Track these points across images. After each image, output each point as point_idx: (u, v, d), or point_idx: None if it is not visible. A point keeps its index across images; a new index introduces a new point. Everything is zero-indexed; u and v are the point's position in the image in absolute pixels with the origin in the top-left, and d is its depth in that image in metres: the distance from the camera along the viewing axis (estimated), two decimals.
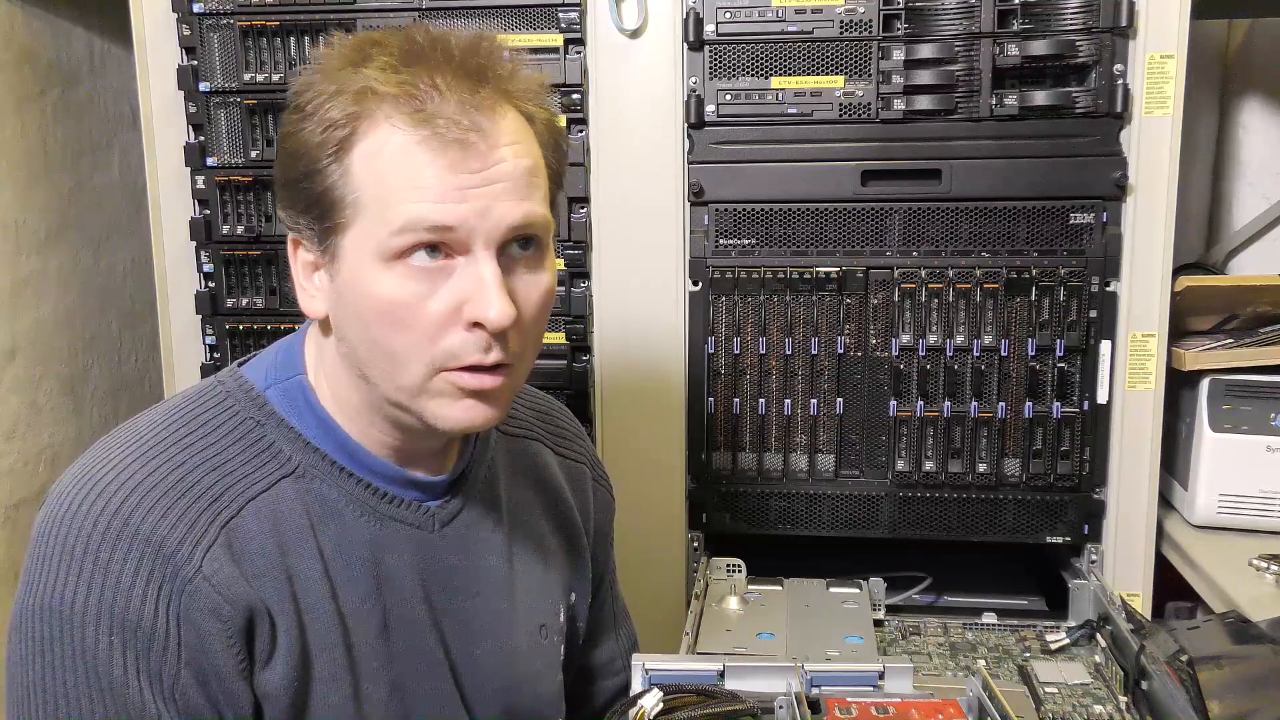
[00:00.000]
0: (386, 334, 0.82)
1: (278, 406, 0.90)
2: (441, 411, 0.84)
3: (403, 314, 0.81)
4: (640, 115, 1.46)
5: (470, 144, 0.79)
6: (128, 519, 0.80)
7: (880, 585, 1.32)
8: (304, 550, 0.87)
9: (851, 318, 1.47)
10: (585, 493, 1.12)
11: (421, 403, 0.84)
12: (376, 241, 0.80)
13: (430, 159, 0.79)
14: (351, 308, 0.83)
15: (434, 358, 0.82)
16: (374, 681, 0.90)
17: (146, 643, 0.79)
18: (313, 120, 0.81)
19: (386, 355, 0.83)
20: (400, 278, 0.80)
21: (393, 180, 0.79)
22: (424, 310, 0.81)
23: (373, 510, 0.91)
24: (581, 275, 1.50)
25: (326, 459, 0.89)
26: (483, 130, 0.79)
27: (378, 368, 0.84)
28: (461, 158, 0.79)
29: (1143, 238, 1.41)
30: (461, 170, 0.79)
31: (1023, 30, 1.39)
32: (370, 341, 0.83)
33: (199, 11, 1.50)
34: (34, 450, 1.71)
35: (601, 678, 1.19)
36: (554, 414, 1.13)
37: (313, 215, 0.83)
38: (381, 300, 0.81)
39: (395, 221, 0.79)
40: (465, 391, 0.83)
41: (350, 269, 0.82)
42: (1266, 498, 1.49)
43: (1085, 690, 1.07)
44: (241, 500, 0.85)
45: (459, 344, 0.81)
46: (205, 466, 0.85)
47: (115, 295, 1.92)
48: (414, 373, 0.82)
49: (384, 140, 0.79)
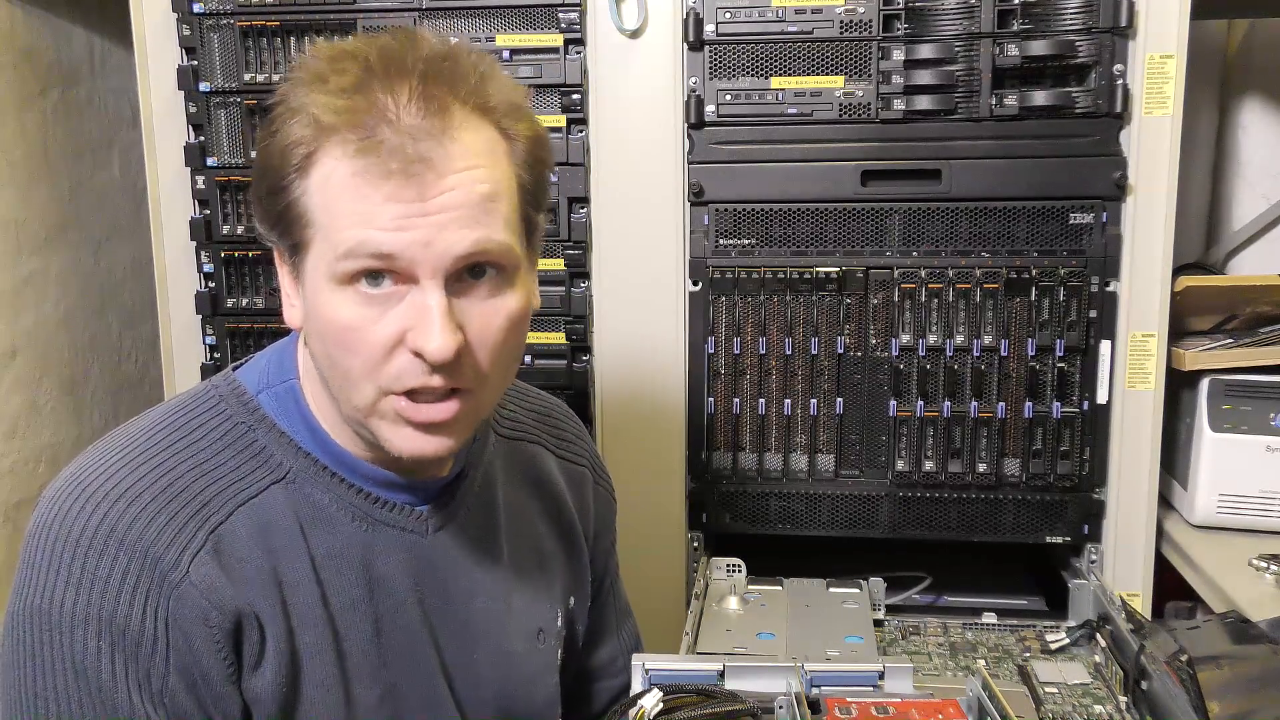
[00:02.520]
0: (340, 354, 0.82)
1: (270, 411, 0.90)
2: (390, 437, 0.84)
3: (350, 337, 0.81)
4: (640, 115, 1.46)
5: (414, 174, 0.77)
6: (115, 525, 0.80)
7: (880, 585, 1.32)
8: (294, 555, 0.87)
9: (851, 318, 1.47)
10: (585, 495, 1.12)
11: (373, 424, 0.84)
12: (327, 264, 0.80)
13: (372, 189, 0.78)
14: (313, 325, 0.84)
15: (380, 382, 0.82)
16: (366, 686, 0.90)
17: (134, 647, 0.80)
18: (277, 137, 0.81)
19: (342, 374, 0.83)
20: (349, 302, 0.80)
21: (338, 207, 0.79)
22: (370, 335, 0.80)
23: (364, 515, 0.91)
24: (581, 275, 1.50)
25: (317, 464, 0.89)
26: (429, 160, 0.78)
27: (336, 385, 0.85)
28: (403, 187, 0.78)
29: (1142, 238, 1.41)
30: (402, 200, 0.78)
31: (1023, 30, 1.39)
32: (328, 359, 0.84)
33: (199, 11, 1.50)
34: (34, 450, 1.71)
35: (603, 678, 1.18)
36: (555, 415, 1.13)
37: (279, 231, 0.84)
38: (333, 322, 0.81)
39: (340, 246, 0.79)
40: (410, 421, 0.83)
41: (310, 287, 0.83)
42: (1266, 498, 1.49)
43: (1085, 690, 1.07)
44: (231, 506, 0.85)
45: (404, 368, 0.81)
46: (195, 472, 0.85)
47: (115, 295, 1.92)
48: (364, 394, 0.83)
49: (332, 168, 0.79)
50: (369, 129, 0.77)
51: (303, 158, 0.80)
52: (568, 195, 1.47)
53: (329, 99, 0.79)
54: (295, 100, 0.81)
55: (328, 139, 0.79)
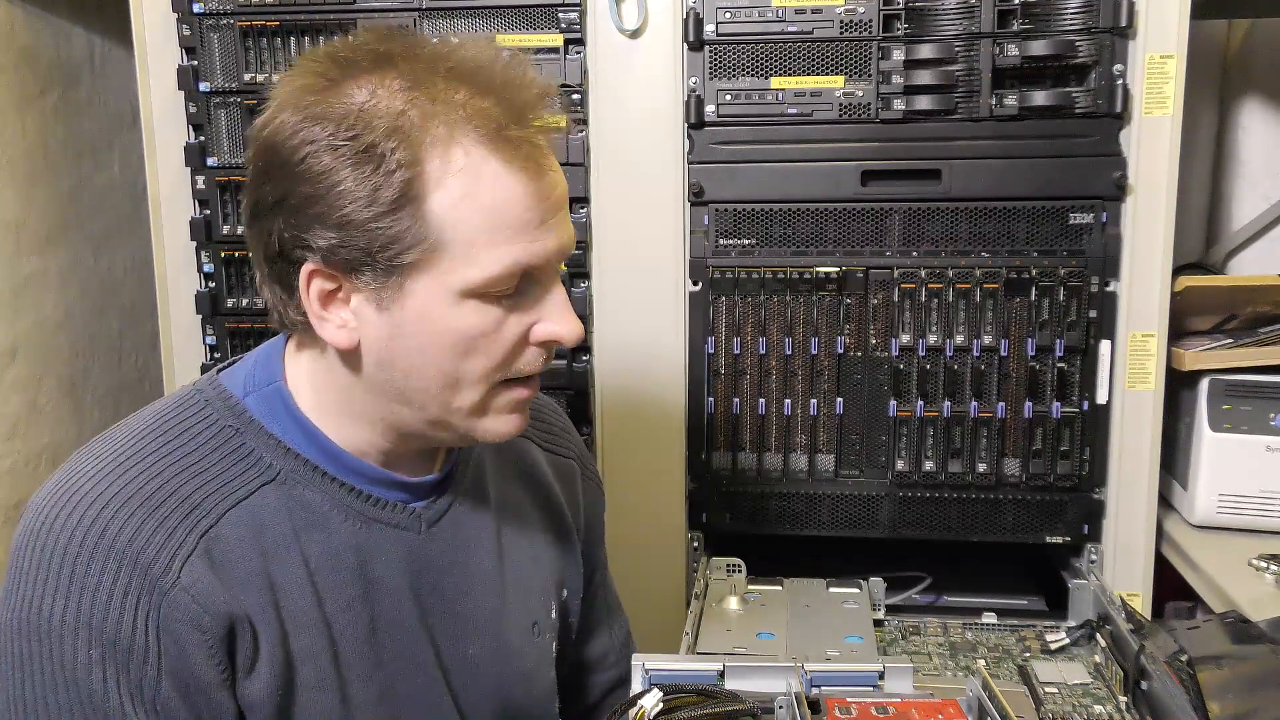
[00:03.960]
0: (457, 362, 0.83)
1: (257, 414, 0.89)
2: (494, 427, 0.88)
3: (479, 343, 0.83)
4: (640, 115, 1.46)
5: (543, 167, 0.82)
6: (103, 531, 0.80)
7: (880, 585, 1.32)
8: (287, 556, 0.87)
9: (851, 318, 1.47)
10: (574, 488, 1.12)
11: (473, 421, 0.87)
12: (462, 280, 0.81)
13: (520, 191, 0.80)
14: (415, 341, 0.83)
15: (504, 376, 0.86)
16: (363, 686, 0.90)
17: (126, 655, 0.79)
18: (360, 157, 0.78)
19: (449, 382, 0.84)
20: (476, 310, 0.82)
21: (480, 221, 0.80)
22: (500, 335, 0.84)
23: (357, 513, 0.91)
24: (581, 275, 1.50)
25: (308, 464, 0.89)
26: (540, 147, 0.82)
27: (431, 394, 0.85)
28: (538, 178, 0.81)
29: (1142, 238, 1.42)
30: (543, 199, 0.82)
31: (1023, 30, 1.39)
32: (430, 370, 0.84)
33: (199, 11, 1.50)
34: (34, 450, 1.71)
35: (596, 671, 1.19)
36: (542, 410, 1.13)
37: (360, 256, 0.80)
38: (460, 333, 0.82)
39: (490, 268, 0.81)
40: (519, 404, 0.88)
41: (420, 305, 0.82)
42: (1266, 498, 1.49)
43: (1085, 690, 1.07)
44: (221, 509, 0.84)
45: (528, 360, 0.86)
46: (183, 475, 0.84)
47: (115, 295, 1.92)
48: (474, 393, 0.85)
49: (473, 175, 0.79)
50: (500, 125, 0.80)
51: (407, 180, 0.78)
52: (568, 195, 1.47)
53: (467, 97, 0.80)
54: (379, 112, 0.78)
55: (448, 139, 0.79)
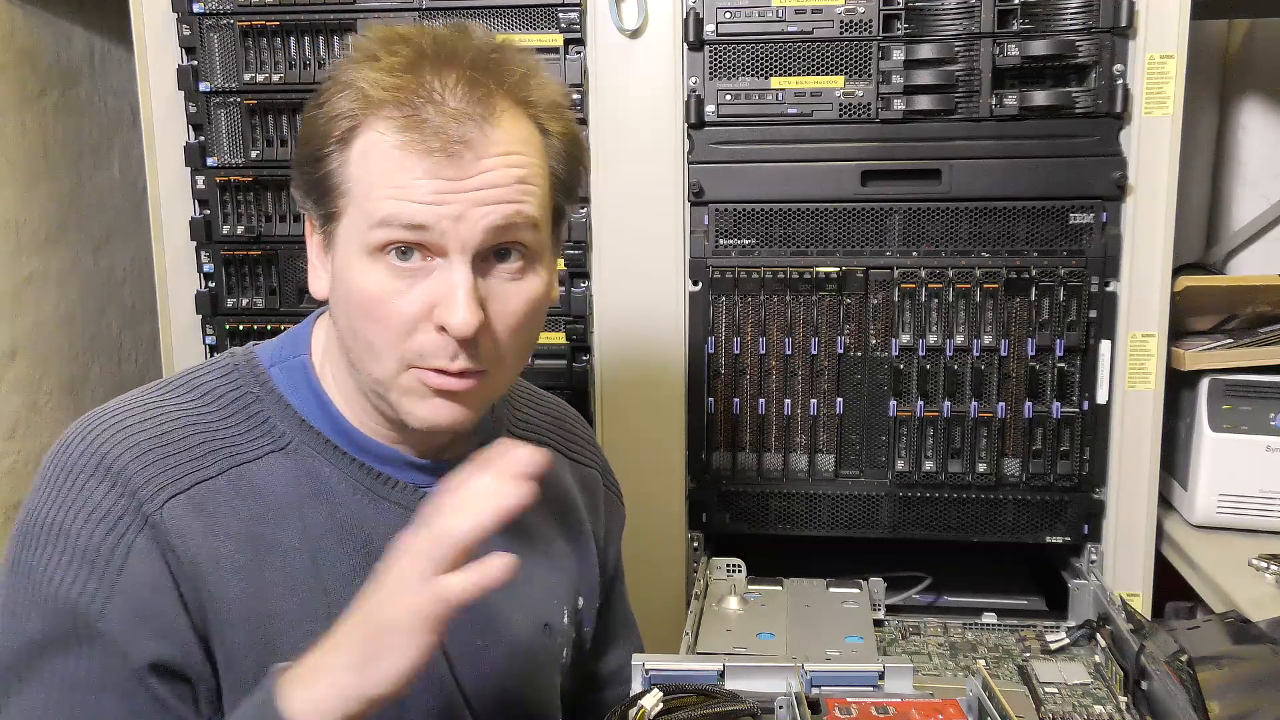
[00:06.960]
0: (364, 325, 0.85)
1: (279, 385, 0.93)
2: (410, 408, 0.87)
3: (378, 308, 0.83)
4: (640, 115, 1.46)
5: (453, 154, 0.81)
6: (105, 454, 0.84)
7: (880, 585, 1.32)
8: (285, 522, 0.89)
9: (851, 318, 1.47)
10: (596, 498, 1.12)
11: (394, 396, 0.87)
12: (359, 233, 0.83)
13: (412, 163, 0.81)
14: (339, 294, 0.87)
15: (404, 354, 0.84)
16: None
17: (90, 566, 0.82)
18: (324, 108, 0.85)
19: (365, 345, 0.86)
20: (378, 273, 0.83)
21: (375, 178, 0.82)
22: (397, 307, 0.83)
23: (366, 489, 0.92)
24: (581, 275, 1.50)
25: (320, 437, 0.92)
26: (469, 141, 0.81)
27: (358, 355, 0.87)
28: (442, 164, 0.81)
29: (1142, 238, 1.42)
30: (440, 176, 0.81)
31: (1023, 30, 1.39)
32: (352, 330, 0.86)
33: (199, 11, 1.50)
34: (34, 450, 1.71)
35: (609, 686, 1.17)
36: (568, 420, 1.14)
37: (314, 199, 0.87)
38: (361, 292, 0.84)
39: (374, 215, 0.82)
40: (432, 390, 0.86)
41: (341, 257, 0.86)
42: (1266, 498, 1.49)
43: (1085, 690, 1.07)
44: (223, 465, 0.88)
45: (428, 345, 0.84)
46: (195, 427, 0.88)
47: (115, 295, 1.92)
48: (386, 366, 0.85)
49: (374, 141, 0.82)
50: (415, 107, 0.81)
51: (346, 129, 0.83)
52: None
53: (379, 75, 0.82)
54: (346, 75, 0.84)
55: (373, 113, 0.82)
